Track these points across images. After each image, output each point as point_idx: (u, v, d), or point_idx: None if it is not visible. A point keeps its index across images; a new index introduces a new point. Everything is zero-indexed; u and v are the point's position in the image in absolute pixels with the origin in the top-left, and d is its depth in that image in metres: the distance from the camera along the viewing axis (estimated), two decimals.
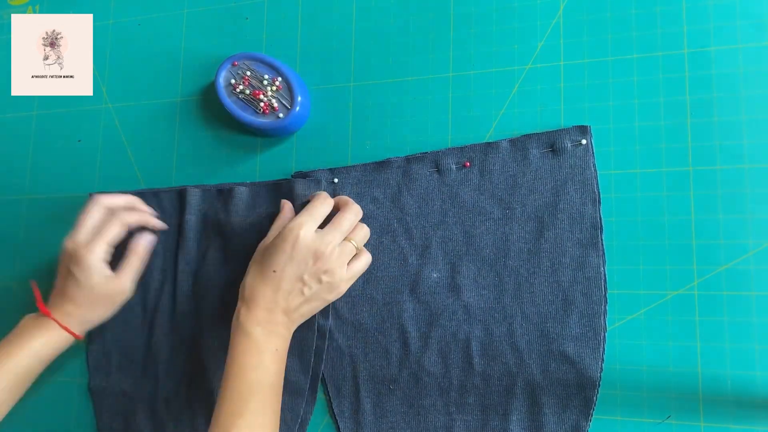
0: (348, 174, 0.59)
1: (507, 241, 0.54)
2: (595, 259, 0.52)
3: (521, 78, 0.56)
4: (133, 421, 0.61)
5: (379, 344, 0.56)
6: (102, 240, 0.55)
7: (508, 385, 0.53)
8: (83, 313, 0.56)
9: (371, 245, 0.57)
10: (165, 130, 0.66)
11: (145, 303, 0.63)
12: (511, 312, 0.53)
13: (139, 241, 0.59)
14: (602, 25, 0.55)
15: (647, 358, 0.51)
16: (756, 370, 0.48)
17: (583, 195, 0.53)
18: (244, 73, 0.60)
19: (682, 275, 0.51)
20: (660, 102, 0.53)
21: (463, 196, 0.56)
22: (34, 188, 0.69)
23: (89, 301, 0.55)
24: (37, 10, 0.73)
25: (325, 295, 0.52)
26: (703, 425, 0.49)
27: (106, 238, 0.56)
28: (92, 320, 0.57)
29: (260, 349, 0.49)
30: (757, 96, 0.51)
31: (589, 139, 0.53)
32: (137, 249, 0.58)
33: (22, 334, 0.54)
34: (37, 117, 0.70)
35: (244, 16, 0.65)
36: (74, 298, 0.55)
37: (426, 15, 0.60)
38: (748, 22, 0.51)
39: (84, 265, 0.54)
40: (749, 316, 0.49)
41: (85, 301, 0.55)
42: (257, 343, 0.49)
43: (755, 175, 0.50)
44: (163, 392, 0.61)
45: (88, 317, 0.56)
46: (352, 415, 0.57)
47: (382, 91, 0.60)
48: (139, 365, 0.62)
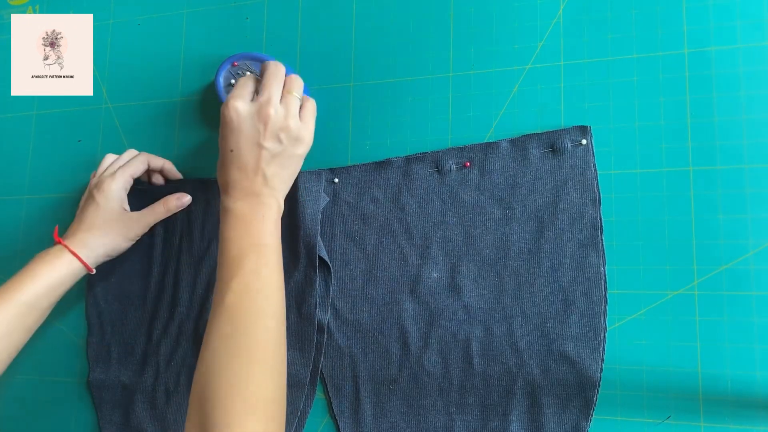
0: (348, 174, 0.59)
1: (507, 241, 0.54)
2: (595, 259, 0.52)
3: (521, 78, 0.56)
4: (133, 414, 0.61)
5: (379, 344, 0.56)
6: (126, 171, 0.58)
7: (508, 385, 0.53)
8: (95, 238, 0.56)
9: (372, 245, 0.57)
10: (165, 130, 0.66)
11: (146, 294, 0.63)
12: (511, 312, 0.53)
13: (173, 195, 0.60)
14: (602, 25, 0.55)
15: (647, 358, 0.51)
16: (756, 370, 0.48)
17: (583, 195, 0.53)
18: (243, 73, 0.60)
19: (682, 275, 0.51)
20: (660, 102, 0.53)
21: (463, 196, 0.56)
22: (34, 188, 0.69)
23: (103, 226, 0.56)
24: (37, 10, 0.73)
25: (293, 150, 0.52)
26: (703, 425, 0.49)
27: (130, 170, 0.58)
28: (103, 249, 0.57)
29: (246, 219, 0.49)
30: (757, 96, 0.51)
31: (589, 139, 0.53)
32: (167, 201, 0.59)
33: (32, 264, 0.55)
34: (37, 117, 0.71)
35: (244, 16, 0.65)
36: (90, 223, 0.56)
37: (426, 15, 0.60)
38: (748, 22, 0.51)
39: (106, 190, 0.57)
40: (749, 316, 0.49)
41: (100, 225, 0.56)
42: (241, 215, 0.49)
43: (755, 175, 0.50)
44: (163, 384, 0.61)
45: (99, 243, 0.56)
46: (352, 415, 0.57)
47: (382, 91, 0.60)
48: (139, 357, 0.62)
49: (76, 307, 0.66)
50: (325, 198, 0.58)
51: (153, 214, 0.59)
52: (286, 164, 0.52)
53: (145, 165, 0.60)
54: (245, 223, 0.49)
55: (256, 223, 0.49)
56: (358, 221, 0.58)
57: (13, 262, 0.68)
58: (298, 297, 0.57)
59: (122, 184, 0.58)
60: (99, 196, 0.57)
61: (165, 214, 0.59)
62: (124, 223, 0.57)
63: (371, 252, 0.57)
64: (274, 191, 0.52)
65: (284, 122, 0.51)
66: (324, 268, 0.58)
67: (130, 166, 0.59)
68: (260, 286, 0.47)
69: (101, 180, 0.58)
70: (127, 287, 0.63)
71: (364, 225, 0.58)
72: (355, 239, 0.58)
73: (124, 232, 0.57)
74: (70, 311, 0.66)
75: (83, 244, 0.56)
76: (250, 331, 0.45)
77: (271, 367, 0.45)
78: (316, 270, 0.57)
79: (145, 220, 0.58)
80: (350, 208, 0.58)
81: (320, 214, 0.57)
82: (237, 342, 0.45)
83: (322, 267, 0.57)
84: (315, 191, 0.57)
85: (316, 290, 0.57)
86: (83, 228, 0.56)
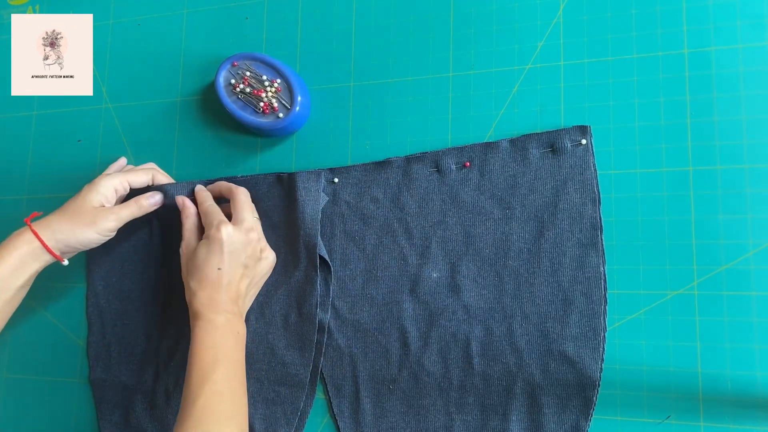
0: (348, 174, 0.59)
1: (507, 241, 0.54)
2: (595, 259, 0.52)
3: (521, 78, 0.56)
4: (133, 414, 0.61)
5: (379, 344, 0.56)
6: (124, 175, 0.58)
7: (507, 385, 0.53)
8: (62, 223, 0.55)
9: (372, 245, 0.57)
10: (165, 130, 0.66)
11: (144, 296, 0.63)
12: (511, 312, 0.53)
13: (147, 194, 0.59)
14: (602, 25, 0.55)
15: (647, 358, 0.51)
16: (756, 370, 0.48)
17: (583, 195, 0.53)
18: (243, 73, 0.60)
19: (682, 275, 0.51)
20: (660, 102, 0.53)
21: (463, 196, 0.56)
22: (34, 188, 0.69)
23: (74, 214, 0.55)
24: (37, 10, 0.73)
25: (262, 268, 0.57)
26: (703, 425, 0.49)
27: (129, 176, 0.58)
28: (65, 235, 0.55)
29: (224, 332, 0.52)
30: (757, 96, 0.51)
31: (589, 139, 0.53)
32: (140, 200, 0.58)
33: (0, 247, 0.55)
34: (37, 117, 0.70)
35: (244, 16, 0.65)
36: (63, 209, 0.56)
37: (426, 15, 0.60)
38: (748, 22, 0.51)
39: (95, 183, 0.57)
40: (749, 316, 0.49)
41: (71, 211, 0.55)
42: (220, 328, 0.52)
43: (755, 175, 0.50)
44: (162, 385, 0.61)
45: (65, 229, 0.55)
46: (352, 415, 0.57)
47: (382, 91, 0.60)
48: (139, 358, 0.62)
49: (76, 307, 0.66)
50: (324, 198, 0.58)
51: (125, 210, 0.57)
52: (257, 283, 0.57)
53: (149, 178, 0.59)
54: (222, 335, 0.52)
55: (231, 337, 0.52)
56: (358, 221, 0.58)
57: None
58: (299, 297, 0.57)
59: (115, 183, 0.57)
60: (87, 187, 0.57)
61: (138, 211, 0.58)
62: (95, 216, 0.56)
63: (371, 252, 0.57)
64: (244, 309, 0.56)
65: (261, 244, 0.57)
66: (324, 268, 0.58)
67: (131, 173, 0.58)
68: (229, 396, 0.49)
69: (97, 178, 0.58)
70: (128, 287, 0.63)
71: (364, 225, 0.58)
72: (355, 239, 0.58)
73: (93, 224, 0.55)
74: (70, 311, 0.66)
75: (49, 227, 0.55)
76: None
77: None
78: (317, 269, 0.57)
79: (117, 216, 0.56)
80: (350, 208, 0.58)
81: (320, 214, 0.57)
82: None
83: (322, 266, 0.57)
84: (315, 191, 0.57)
85: (317, 290, 0.57)
86: (56, 212, 0.56)
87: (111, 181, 0.57)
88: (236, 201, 0.57)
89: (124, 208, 0.57)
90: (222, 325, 0.52)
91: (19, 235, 0.54)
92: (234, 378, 0.51)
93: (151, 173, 0.60)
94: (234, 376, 0.51)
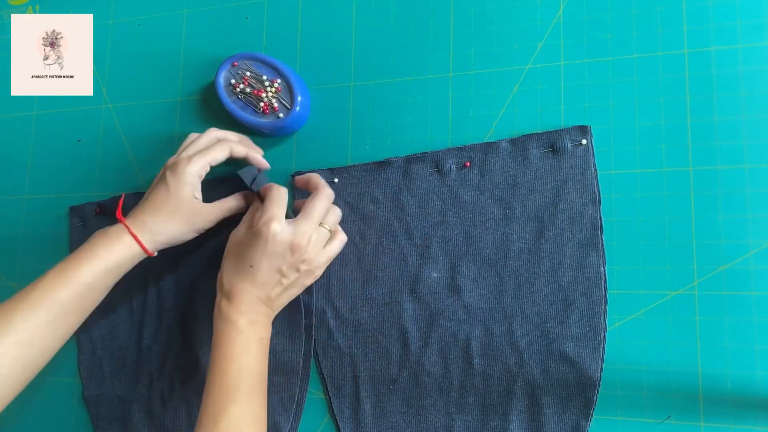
0: (348, 174, 0.59)
1: (507, 241, 0.54)
2: (595, 259, 0.52)
3: (521, 78, 0.56)
4: (131, 425, 0.61)
5: (379, 344, 0.56)
6: (204, 157, 0.54)
7: (508, 385, 0.53)
8: (158, 223, 0.53)
9: (371, 245, 0.57)
10: (165, 130, 0.66)
11: (132, 304, 0.63)
12: (511, 312, 0.53)
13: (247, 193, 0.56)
14: (602, 25, 0.55)
15: (647, 358, 0.51)
16: (756, 370, 0.48)
17: (583, 195, 0.53)
18: (244, 73, 0.60)
19: (682, 275, 0.51)
20: (660, 102, 0.53)
21: (463, 196, 0.56)
22: (34, 188, 0.69)
23: (170, 210, 0.53)
24: (37, 10, 0.73)
25: (303, 281, 0.53)
26: (703, 425, 0.49)
27: (208, 157, 0.54)
28: (164, 235, 0.53)
29: (247, 338, 0.50)
30: (757, 96, 0.51)
31: (589, 139, 0.53)
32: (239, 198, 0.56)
33: (91, 244, 0.52)
34: (37, 117, 0.70)
35: (244, 16, 0.65)
36: (156, 206, 0.53)
37: (426, 15, 0.60)
38: (748, 22, 0.51)
39: (180, 173, 0.53)
40: (749, 316, 0.49)
41: (166, 209, 0.53)
42: (243, 332, 0.50)
43: (755, 175, 0.50)
44: (158, 391, 0.61)
45: (161, 229, 0.53)
46: (352, 415, 0.57)
47: (382, 91, 0.60)
48: (132, 368, 0.62)
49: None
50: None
51: (223, 209, 0.55)
52: (291, 291, 0.54)
53: (227, 153, 0.56)
54: (246, 341, 0.50)
55: (255, 344, 0.50)
56: (358, 221, 0.58)
57: (14, 262, 0.68)
58: None
59: (198, 169, 0.54)
60: (171, 179, 0.53)
61: (236, 210, 0.56)
62: (192, 213, 0.53)
63: (371, 252, 0.57)
64: (272, 313, 0.53)
65: (308, 255, 0.52)
66: None
67: (210, 152, 0.55)
68: (250, 414, 0.48)
69: (177, 162, 0.54)
70: (113, 300, 0.62)
71: (364, 225, 0.58)
72: (355, 239, 0.58)
73: (191, 222, 0.54)
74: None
75: (145, 228, 0.53)
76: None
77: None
78: None
79: (214, 215, 0.55)
80: (350, 208, 0.58)
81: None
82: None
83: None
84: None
85: None
86: (148, 210, 0.53)
87: (194, 168, 0.53)
88: (311, 200, 0.53)
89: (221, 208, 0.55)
90: (245, 330, 0.50)
91: (116, 237, 0.52)
92: (258, 394, 0.49)
93: (228, 147, 0.56)
94: (258, 392, 0.49)
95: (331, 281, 0.58)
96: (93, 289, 0.52)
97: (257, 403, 0.49)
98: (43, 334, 0.49)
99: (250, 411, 0.48)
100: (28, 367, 0.49)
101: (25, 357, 0.49)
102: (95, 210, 0.65)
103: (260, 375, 0.50)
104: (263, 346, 0.51)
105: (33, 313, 0.49)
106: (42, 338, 0.49)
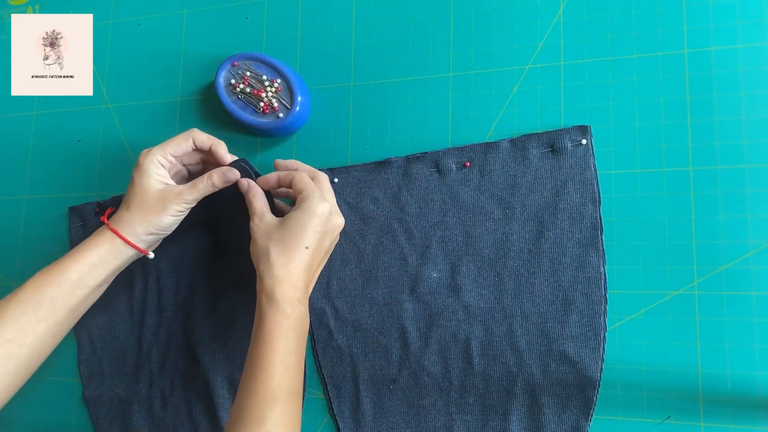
0: (348, 174, 0.59)
1: (507, 241, 0.54)
2: (595, 259, 0.52)
3: (521, 78, 0.56)
4: (132, 424, 0.61)
5: (379, 344, 0.56)
6: (162, 147, 0.55)
7: (508, 385, 0.53)
8: (134, 214, 0.53)
9: (371, 245, 0.57)
10: (165, 130, 0.66)
11: (132, 304, 0.63)
12: (511, 312, 0.53)
13: (222, 170, 0.55)
14: (602, 25, 0.55)
15: (647, 358, 0.51)
16: (756, 370, 0.48)
17: (583, 195, 0.53)
18: (244, 73, 0.60)
19: (682, 275, 0.51)
20: (660, 102, 0.53)
21: (463, 196, 0.56)
22: (34, 188, 0.69)
23: (138, 202, 0.53)
24: (37, 10, 0.73)
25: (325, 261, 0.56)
26: (703, 425, 0.49)
27: (167, 146, 0.55)
28: (142, 226, 0.53)
29: (297, 333, 0.49)
30: (757, 96, 0.51)
31: (589, 139, 0.53)
32: (213, 176, 0.55)
33: (81, 246, 0.54)
34: (37, 117, 0.70)
35: (244, 16, 0.65)
36: (128, 200, 0.54)
37: (426, 15, 0.60)
38: (748, 22, 0.51)
39: (139, 165, 0.54)
40: (749, 316, 0.49)
41: (135, 201, 0.54)
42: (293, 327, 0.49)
43: (755, 175, 0.50)
44: (158, 391, 0.61)
45: (137, 220, 0.53)
46: (352, 415, 0.57)
47: (382, 91, 0.60)
48: (132, 367, 0.62)
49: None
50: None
51: (199, 188, 0.55)
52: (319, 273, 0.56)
53: (189, 141, 0.55)
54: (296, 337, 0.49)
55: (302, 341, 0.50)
56: (358, 221, 0.58)
57: (14, 262, 0.68)
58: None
59: (156, 158, 0.54)
60: (135, 173, 0.54)
61: (210, 188, 0.55)
62: (161, 198, 0.53)
63: (371, 252, 0.57)
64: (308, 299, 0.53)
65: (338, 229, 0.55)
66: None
67: (170, 141, 0.55)
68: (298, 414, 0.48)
69: (138, 159, 0.55)
70: (112, 299, 0.63)
71: (364, 225, 0.58)
72: (355, 239, 0.58)
73: (162, 207, 0.53)
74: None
75: (123, 221, 0.53)
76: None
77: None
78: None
79: (190, 194, 0.54)
80: (350, 208, 0.58)
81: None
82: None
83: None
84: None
85: None
86: (123, 206, 0.54)
87: (152, 157, 0.54)
88: (322, 184, 0.55)
89: (195, 188, 0.54)
90: (296, 324, 0.49)
91: (99, 234, 0.53)
92: (299, 393, 0.49)
93: (191, 136, 0.56)
94: (299, 391, 0.49)
95: (331, 281, 0.58)
96: (81, 285, 0.52)
97: (296, 406, 0.48)
98: (33, 332, 0.50)
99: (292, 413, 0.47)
100: (20, 367, 0.50)
101: (16, 356, 0.49)
102: (95, 210, 0.65)
103: (300, 372, 0.50)
104: (305, 341, 0.51)
105: (21, 311, 0.50)
106: (32, 337, 0.50)
